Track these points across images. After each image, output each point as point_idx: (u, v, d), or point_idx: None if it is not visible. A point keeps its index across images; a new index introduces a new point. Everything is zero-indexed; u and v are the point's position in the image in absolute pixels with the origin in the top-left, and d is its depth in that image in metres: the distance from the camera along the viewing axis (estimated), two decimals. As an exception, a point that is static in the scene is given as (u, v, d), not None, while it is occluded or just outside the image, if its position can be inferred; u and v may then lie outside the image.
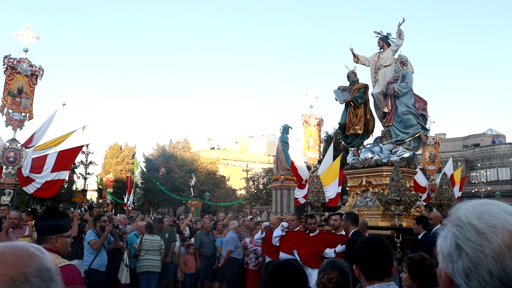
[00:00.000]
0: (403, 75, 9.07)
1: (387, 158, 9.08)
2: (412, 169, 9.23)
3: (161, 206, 43.54)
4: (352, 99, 9.68)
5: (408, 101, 8.97)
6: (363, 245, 2.73)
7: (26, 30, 13.98)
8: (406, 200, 8.00)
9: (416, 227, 6.79)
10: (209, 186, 39.22)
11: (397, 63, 9.23)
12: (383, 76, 9.46)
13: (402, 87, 8.94)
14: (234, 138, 64.86)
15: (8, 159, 13.18)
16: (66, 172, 14.80)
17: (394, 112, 9.15)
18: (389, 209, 8.18)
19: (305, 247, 7.30)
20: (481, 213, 1.08)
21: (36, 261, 1.06)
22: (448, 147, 39.23)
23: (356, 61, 10.10)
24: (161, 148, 46.46)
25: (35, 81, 14.00)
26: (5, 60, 13.50)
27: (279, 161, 17.97)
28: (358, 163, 9.56)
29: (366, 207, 9.20)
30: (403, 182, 8.03)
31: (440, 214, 7.84)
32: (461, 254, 1.06)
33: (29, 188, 13.64)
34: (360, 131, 9.69)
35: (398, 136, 9.10)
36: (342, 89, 9.96)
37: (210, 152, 53.56)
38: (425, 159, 23.80)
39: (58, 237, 3.16)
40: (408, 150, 9.03)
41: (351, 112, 9.78)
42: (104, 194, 31.61)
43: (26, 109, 13.75)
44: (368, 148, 9.72)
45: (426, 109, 9.50)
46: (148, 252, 8.98)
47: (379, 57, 9.74)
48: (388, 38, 9.77)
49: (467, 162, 37.57)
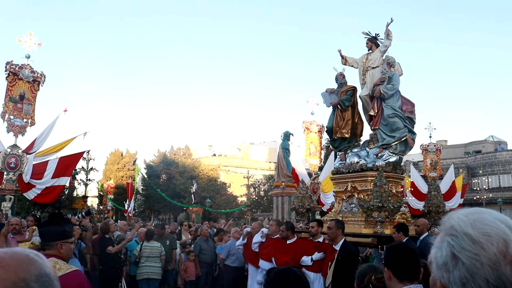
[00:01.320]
0: (389, 77, 8.80)
1: (372, 162, 8.78)
2: (398, 174, 8.91)
3: (162, 212, 43.52)
4: (339, 101, 9.45)
5: (394, 103, 8.71)
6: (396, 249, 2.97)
7: (29, 37, 14.05)
8: (388, 207, 7.75)
9: (396, 235, 6.57)
10: (210, 193, 39.17)
11: (384, 64, 8.95)
12: (371, 78, 9.19)
13: (388, 89, 8.67)
14: (235, 145, 64.88)
15: (9, 165, 13.19)
16: (67, 178, 14.81)
17: (380, 115, 8.88)
18: (371, 215, 7.91)
19: (282, 255, 7.12)
20: (474, 222, 1.08)
21: (36, 267, 1.07)
22: (450, 154, 39.17)
23: (344, 63, 9.84)
24: (162, 154, 46.50)
25: (37, 87, 14.04)
26: (7, 66, 13.56)
27: (280, 168, 17.98)
28: (343, 167, 9.28)
29: (351, 213, 8.89)
30: (386, 188, 7.75)
31: (427, 221, 7.60)
32: (457, 264, 1.06)
33: (29, 194, 13.64)
34: (347, 134, 9.46)
35: (384, 139, 8.82)
36: (329, 92, 9.71)
37: (211, 159, 53.56)
38: (426, 166, 23.78)
39: (63, 243, 3.18)
40: (395, 155, 8.72)
41: (338, 115, 9.55)
42: (104, 200, 31.55)
43: (28, 115, 13.78)
44: (355, 152, 9.42)
45: (413, 112, 9.16)
46: (148, 259, 8.95)
47: (367, 58, 9.48)
48: (376, 39, 9.53)
49: (469, 169, 37.51)
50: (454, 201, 22.86)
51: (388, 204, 7.69)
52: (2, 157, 13.15)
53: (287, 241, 7.25)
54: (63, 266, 3.03)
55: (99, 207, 32.32)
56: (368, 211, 7.94)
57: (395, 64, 9.08)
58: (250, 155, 60.98)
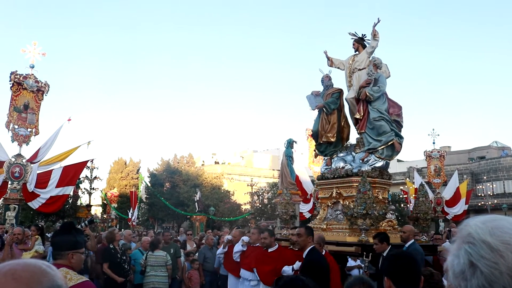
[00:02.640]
0: (375, 79, 8.46)
1: (358, 167, 8.43)
2: (385, 180, 8.52)
3: (165, 221, 43.45)
4: (324, 104, 9.08)
5: (380, 106, 8.37)
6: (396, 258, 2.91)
7: (33, 47, 14.14)
8: (373, 214, 7.38)
9: (380, 246, 6.19)
10: (213, 201, 39.10)
11: (370, 66, 8.63)
12: (358, 80, 8.87)
13: (374, 91, 8.32)
14: (239, 153, 64.86)
15: (13, 174, 13.23)
16: (71, 187, 14.82)
17: (366, 118, 8.53)
18: (355, 223, 7.55)
19: (264, 265, 6.71)
20: (492, 229, 1.06)
21: (48, 278, 1.08)
22: (454, 160, 39.04)
23: (330, 65, 9.47)
24: (165, 163, 46.52)
25: (41, 96, 14.11)
26: (11, 76, 13.64)
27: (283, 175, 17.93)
28: (328, 173, 8.92)
29: (336, 221, 8.51)
30: (370, 194, 7.41)
31: (413, 228, 7.22)
32: (475, 272, 1.04)
33: (33, 203, 13.66)
34: (332, 138, 9.09)
35: (370, 144, 8.45)
36: (315, 94, 9.36)
37: (214, 167, 53.50)
38: (430, 172, 23.69)
39: (74, 253, 3.18)
40: (381, 159, 8.35)
41: (323, 119, 9.20)
42: (108, 209, 31.56)
43: (32, 124, 13.84)
44: (341, 157, 9.05)
45: (400, 115, 8.75)
46: (154, 268, 8.92)
47: (354, 60, 9.16)
48: (363, 40, 9.22)
49: (473, 175, 37.35)
50: (458, 208, 22.75)
51: (373, 211, 7.37)
52: (6, 167, 13.19)
53: (268, 250, 6.84)
54: (74, 276, 3.04)
55: (103, 215, 32.32)
56: (352, 218, 7.62)
57: (381, 65, 8.78)
58: (253, 163, 60.93)
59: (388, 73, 9.12)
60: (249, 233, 7.71)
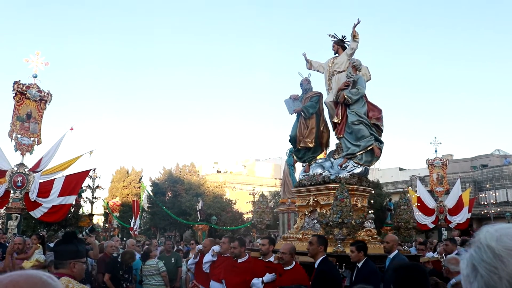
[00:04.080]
0: (354, 81, 8.08)
1: (336, 174, 7.98)
2: (364, 187, 8.09)
3: (167, 230, 43.32)
4: (303, 108, 8.72)
5: (359, 109, 7.98)
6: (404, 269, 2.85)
7: (36, 57, 14.24)
8: (350, 223, 6.94)
9: (356, 254, 5.66)
10: (215, 210, 39.01)
11: (349, 68, 8.28)
12: (337, 83, 8.51)
13: (353, 94, 7.94)
14: (241, 162, 64.81)
15: (15, 183, 13.25)
16: (73, 197, 14.84)
17: (345, 123, 8.12)
18: (331, 232, 7.06)
19: (233, 276, 6.26)
20: (501, 236, 1.07)
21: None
22: (456, 168, 38.94)
23: (309, 67, 9.19)
24: (167, 172, 46.50)
25: (44, 106, 14.18)
26: (14, 85, 13.72)
27: (286, 184, 17.91)
28: (305, 179, 8.49)
29: (313, 230, 8.03)
30: (347, 202, 6.97)
31: (397, 238, 6.66)
32: (476, 275, 1.05)
33: (36, 213, 13.67)
34: (311, 144, 8.70)
35: (348, 149, 8.04)
36: (293, 98, 8.98)
37: (216, 176, 53.46)
38: (432, 180, 23.65)
39: (76, 262, 3.20)
40: (360, 165, 7.94)
41: (302, 123, 8.82)
42: (110, 218, 31.53)
43: (34, 134, 13.89)
44: (319, 163, 8.62)
45: (380, 119, 8.29)
46: (147, 278, 8.94)
47: (333, 62, 8.83)
48: (343, 41, 8.90)
49: (476, 183, 37.22)
50: (461, 216, 22.69)
51: (350, 220, 6.95)
52: (9, 176, 13.22)
53: (238, 260, 6.38)
54: (76, 285, 3.07)
55: (105, 225, 32.29)
56: (328, 227, 7.18)
57: (361, 67, 8.48)
58: (255, 171, 60.86)
59: (369, 75, 8.83)
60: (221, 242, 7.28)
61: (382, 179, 37.47)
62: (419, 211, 22.38)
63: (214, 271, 6.75)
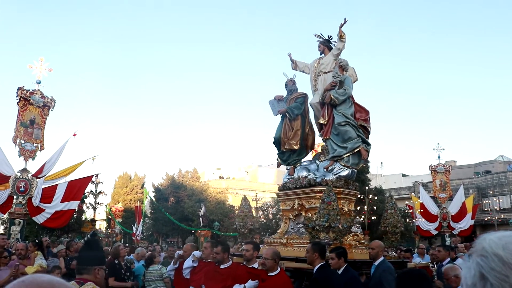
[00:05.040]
0: (340, 81, 7.88)
1: (322, 177, 7.76)
2: (351, 190, 7.82)
3: (170, 236, 43.31)
4: (287, 110, 8.51)
5: (346, 110, 7.77)
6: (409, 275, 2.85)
7: (39, 63, 14.31)
8: (337, 227, 6.69)
9: (336, 261, 5.42)
10: (218, 216, 39.00)
11: (336, 68, 8.11)
12: (323, 83, 8.34)
13: (339, 94, 7.73)
14: (243, 168, 64.83)
15: (18, 189, 13.28)
16: (76, 202, 14.86)
17: (331, 124, 7.89)
18: (317, 237, 6.79)
19: (214, 282, 6.09)
20: (506, 244, 1.07)
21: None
22: (459, 175, 38.82)
23: (294, 68, 9.01)
24: (170, 177, 46.54)
25: (47, 112, 14.24)
26: (18, 92, 13.80)
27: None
28: (290, 182, 8.22)
29: (298, 235, 7.79)
30: (334, 205, 6.74)
31: (382, 244, 6.37)
32: (485, 285, 1.05)
33: (38, 218, 13.69)
34: (295, 146, 8.47)
35: (335, 151, 7.78)
36: (278, 99, 8.83)
37: (219, 182, 53.45)
38: (435, 186, 23.58)
39: (99, 268, 3.25)
40: (346, 168, 7.69)
41: (286, 125, 8.61)
42: (113, 223, 31.55)
43: (37, 139, 13.94)
44: (304, 166, 8.43)
45: (368, 120, 8.05)
46: (150, 283, 8.93)
47: (319, 63, 8.66)
48: (329, 42, 8.72)
49: (479, 189, 37.08)
50: (465, 223, 22.60)
51: (337, 224, 6.69)
52: (12, 181, 13.25)
53: (220, 266, 6.16)
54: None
55: (107, 230, 32.30)
56: (314, 231, 6.91)
57: (348, 67, 8.28)
58: (258, 177, 60.83)
59: (356, 76, 8.67)
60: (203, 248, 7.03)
61: (385, 185, 37.36)
62: (422, 218, 22.30)
63: (194, 277, 6.57)
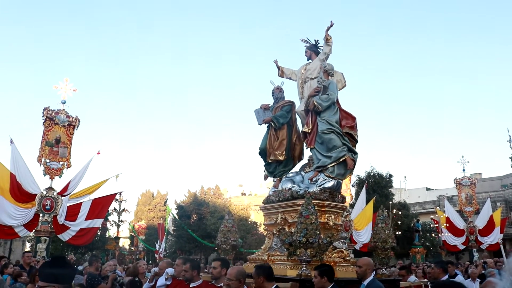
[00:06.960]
0: (325, 86, 7.47)
1: (305, 188, 7.29)
2: (337, 203, 7.29)
3: (193, 253, 43.30)
4: (272, 118, 8.10)
5: (330, 117, 7.33)
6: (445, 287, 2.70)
7: (65, 83, 14.71)
8: (316, 242, 6.21)
9: (319, 280, 4.95)
10: (241, 233, 38.68)
11: (320, 73, 7.76)
12: (309, 90, 7.95)
13: (323, 100, 7.31)
14: (265, 184, 64.61)
15: (44, 207, 13.56)
16: (100, 220, 15.05)
17: (315, 132, 7.43)
18: (295, 253, 6.38)
19: None
20: None
21: None
22: (485, 187, 37.92)
23: (281, 75, 8.61)
24: (192, 195, 46.73)
25: (72, 131, 14.58)
26: (44, 112, 14.20)
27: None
28: (273, 195, 7.78)
29: (280, 251, 7.28)
30: (313, 219, 6.26)
31: (371, 261, 5.69)
32: None
33: (64, 236, 13.91)
34: (281, 157, 8.03)
35: (319, 161, 7.32)
36: (263, 108, 8.43)
37: (241, 198, 53.48)
38: (461, 200, 23.10)
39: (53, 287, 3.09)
40: (331, 179, 7.22)
41: (272, 135, 8.18)
42: (136, 241, 31.78)
43: (63, 158, 14.25)
44: (289, 177, 7.93)
45: (354, 127, 7.57)
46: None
47: (306, 68, 8.33)
48: (317, 46, 8.42)
49: (507, 202, 36.10)
50: (493, 237, 22.01)
51: (315, 239, 6.21)
52: (38, 199, 13.54)
53: (190, 284, 5.89)
54: None
55: (131, 248, 32.53)
56: (291, 247, 6.47)
57: (333, 72, 7.91)
58: (280, 193, 60.65)
59: (344, 82, 8.31)
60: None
61: (409, 199, 36.75)
62: (448, 232, 21.83)
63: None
